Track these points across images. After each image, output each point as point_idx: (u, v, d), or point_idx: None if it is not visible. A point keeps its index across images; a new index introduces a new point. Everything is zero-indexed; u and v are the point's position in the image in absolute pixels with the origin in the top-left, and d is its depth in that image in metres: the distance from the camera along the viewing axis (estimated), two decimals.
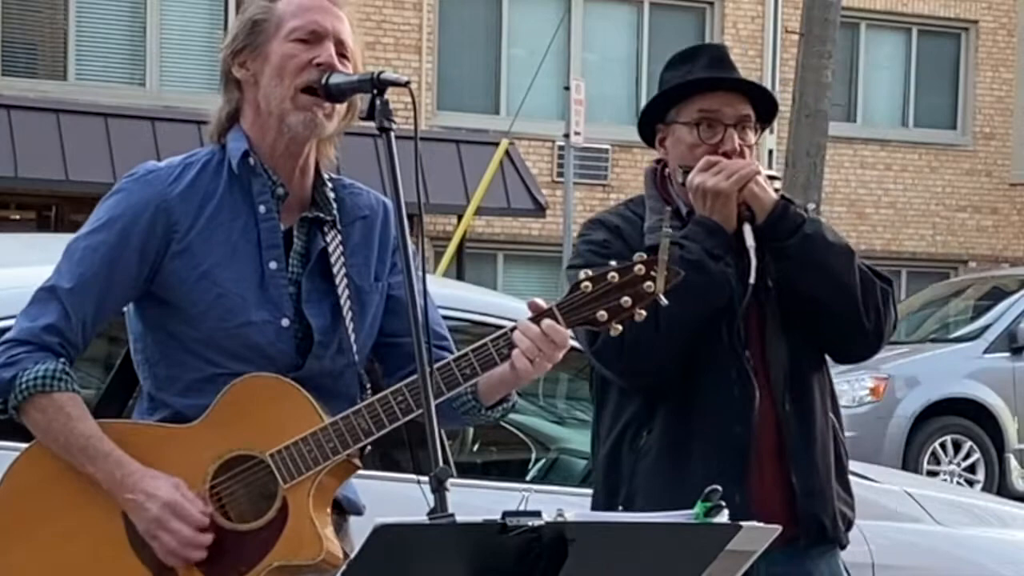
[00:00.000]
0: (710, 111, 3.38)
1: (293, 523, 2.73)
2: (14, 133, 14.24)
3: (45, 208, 15.86)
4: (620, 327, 2.71)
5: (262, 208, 2.88)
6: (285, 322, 2.86)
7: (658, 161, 3.53)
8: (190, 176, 2.90)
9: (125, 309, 2.94)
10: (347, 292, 2.90)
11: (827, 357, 3.53)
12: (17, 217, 16.15)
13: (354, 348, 2.88)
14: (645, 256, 2.70)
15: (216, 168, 2.91)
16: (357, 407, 2.76)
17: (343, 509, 2.97)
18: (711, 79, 3.41)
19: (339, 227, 2.95)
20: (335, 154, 2.99)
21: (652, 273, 2.68)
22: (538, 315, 2.73)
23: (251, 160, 2.89)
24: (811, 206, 3.47)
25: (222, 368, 2.82)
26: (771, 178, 3.42)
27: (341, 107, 2.87)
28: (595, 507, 3.52)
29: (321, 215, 2.92)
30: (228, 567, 2.76)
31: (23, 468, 2.87)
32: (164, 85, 16.49)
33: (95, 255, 2.83)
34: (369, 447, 2.83)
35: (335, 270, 2.90)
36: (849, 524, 3.50)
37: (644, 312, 2.71)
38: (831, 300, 3.35)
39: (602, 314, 2.70)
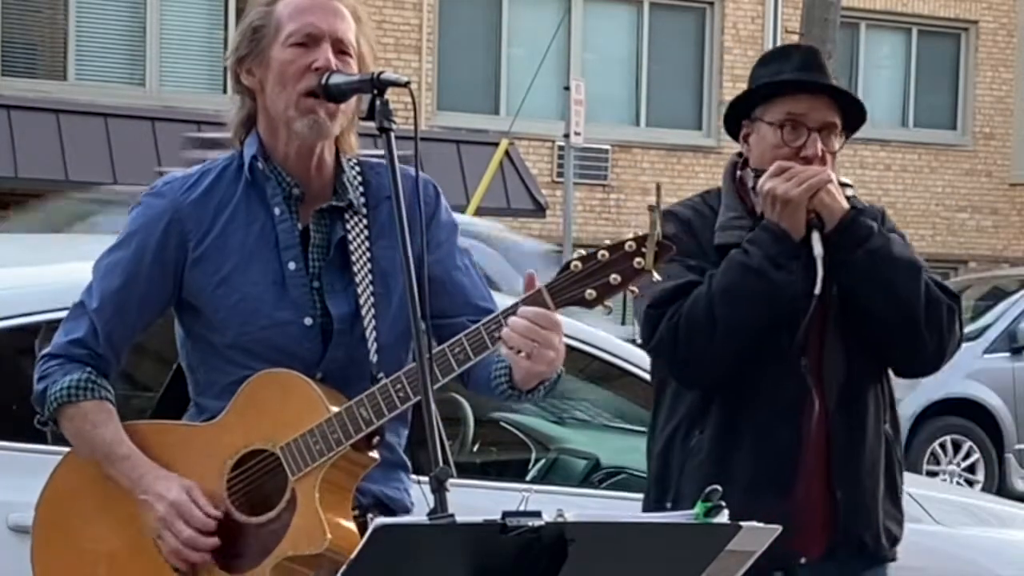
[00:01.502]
0: (796, 114, 3.34)
1: (300, 514, 2.77)
2: (14, 133, 14.24)
3: None
4: (610, 305, 2.71)
5: (277, 210, 2.90)
6: (308, 321, 2.88)
7: (739, 155, 3.51)
8: (206, 183, 2.93)
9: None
10: (369, 278, 2.90)
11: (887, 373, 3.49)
12: None
13: (372, 335, 2.88)
14: (637, 232, 2.68)
15: (234, 174, 2.94)
16: (359, 397, 2.77)
17: (392, 509, 2.98)
18: (800, 82, 3.36)
19: (365, 211, 2.95)
20: (356, 142, 2.98)
21: (643, 249, 2.66)
22: (527, 296, 2.72)
23: (259, 164, 2.90)
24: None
25: (252, 370, 2.85)
26: (844, 185, 3.37)
27: (347, 105, 2.87)
28: (646, 502, 3.51)
29: (336, 203, 2.92)
30: (244, 559, 2.81)
31: (65, 471, 2.97)
32: (164, 85, 16.49)
33: (116, 271, 2.91)
34: (379, 437, 2.84)
35: (354, 258, 2.90)
36: (895, 541, 3.46)
37: (636, 289, 2.70)
38: (892, 316, 3.31)
39: (590, 292, 2.69)
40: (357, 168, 2.98)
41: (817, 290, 3.26)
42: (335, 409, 2.77)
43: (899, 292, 3.30)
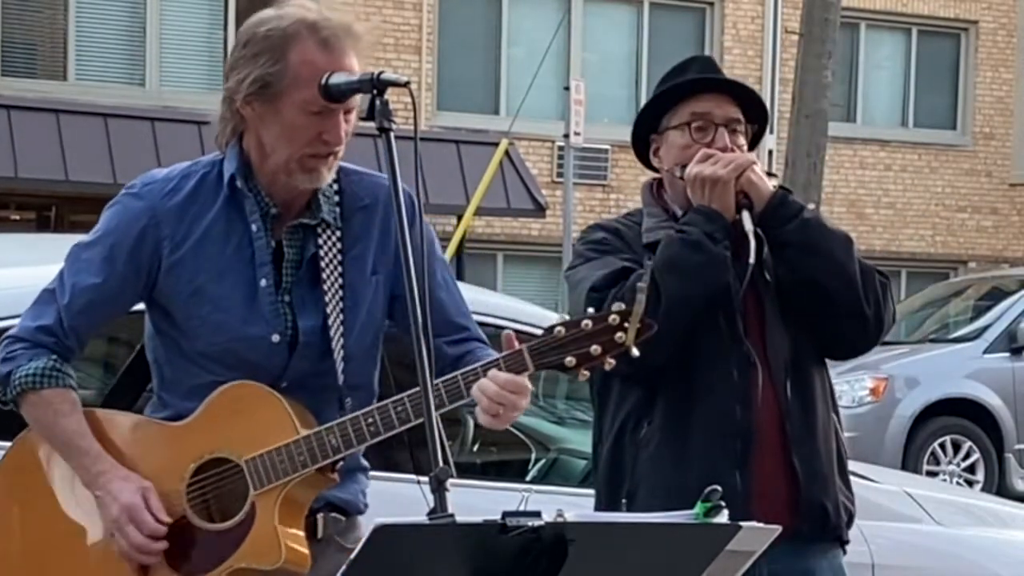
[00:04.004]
0: (700, 112, 3.45)
1: (257, 528, 2.82)
2: (14, 133, 14.23)
3: (45, 208, 15.85)
4: (587, 373, 2.79)
5: (254, 227, 2.92)
6: (276, 338, 2.91)
7: (655, 177, 3.60)
8: (188, 188, 2.94)
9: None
10: (339, 293, 2.94)
11: (826, 360, 3.54)
12: (17, 217, 16.15)
13: (340, 351, 2.92)
14: (622, 307, 2.77)
15: (215, 183, 2.95)
16: (330, 424, 2.83)
17: (345, 511, 3.03)
18: (697, 80, 3.48)
19: (339, 223, 2.97)
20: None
21: (625, 324, 2.74)
22: (509, 355, 2.79)
23: (238, 183, 2.92)
24: (811, 206, 3.51)
25: (220, 376, 2.89)
26: (769, 174, 3.48)
27: (342, 148, 2.89)
28: (598, 505, 3.52)
29: (307, 221, 2.95)
30: (196, 562, 2.86)
31: (23, 445, 3.00)
32: (164, 85, 16.49)
33: (89, 267, 2.94)
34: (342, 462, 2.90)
35: (325, 274, 2.93)
36: (851, 517, 3.50)
37: (614, 361, 2.77)
38: (832, 285, 3.38)
39: (570, 360, 2.77)
40: (333, 176, 2.98)
41: (752, 259, 3.33)
42: (305, 432, 2.82)
43: (836, 260, 3.39)
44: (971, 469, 12.69)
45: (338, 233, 2.96)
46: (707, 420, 3.34)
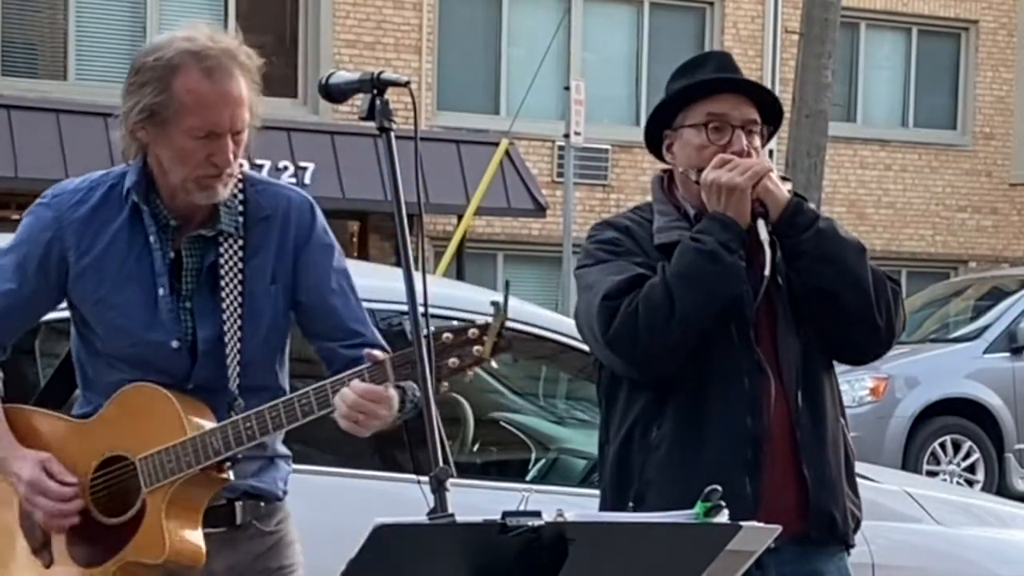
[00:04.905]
0: (718, 113, 3.41)
1: (146, 524, 2.97)
2: (14, 133, 14.23)
3: None
4: (446, 384, 2.87)
5: (152, 238, 3.03)
6: (175, 344, 3.04)
7: (665, 170, 3.57)
8: (94, 199, 3.07)
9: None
10: (238, 301, 3.05)
11: (834, 364, 3.53)
12: (17, 217, 16.12)
13: (235, 357, 3.04)
14: (479, 322, 2.85)
15: (121, 193, 3.07)
16: (214, 427, 2.96)
17: (257, 496, 3.16)
18: (719, 80, 3.44)
19: (241, 232, 3.06)
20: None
21: (484, 338, 2.84)
22: (372, 365, 2.88)
23: (135, 198, 3.03)
24: (811, 206, 3.50)
25: (131, 376, 3.04)
26: (783, 179, 3.46)
27: (238, 168, 3.00)
28: (603, 506, 3.50)
29: (204, 232, 3.04)
30: (93, 554, 3.01)
31: None
32: None
33: (4, 274, 3.08)
34: (231, 462, 3.01)
35: (223, 282, 3.04)
36: (857, 524, 3.50)
37: (471, 373, 2.88)
38: (845, 295, 3.36)
39: None
40: (239, 186, 3.08)
41: (767, 271, 3.32)
42: (192, 433, 2.95)
43: (850, 269, 3.37)
44: (971, 469, 12.69)
45: (240, 242, 3.06)
46: (717, 427, 3.32)
